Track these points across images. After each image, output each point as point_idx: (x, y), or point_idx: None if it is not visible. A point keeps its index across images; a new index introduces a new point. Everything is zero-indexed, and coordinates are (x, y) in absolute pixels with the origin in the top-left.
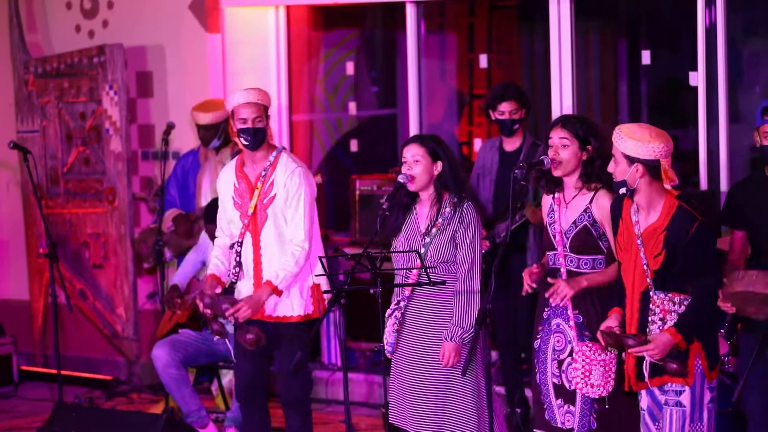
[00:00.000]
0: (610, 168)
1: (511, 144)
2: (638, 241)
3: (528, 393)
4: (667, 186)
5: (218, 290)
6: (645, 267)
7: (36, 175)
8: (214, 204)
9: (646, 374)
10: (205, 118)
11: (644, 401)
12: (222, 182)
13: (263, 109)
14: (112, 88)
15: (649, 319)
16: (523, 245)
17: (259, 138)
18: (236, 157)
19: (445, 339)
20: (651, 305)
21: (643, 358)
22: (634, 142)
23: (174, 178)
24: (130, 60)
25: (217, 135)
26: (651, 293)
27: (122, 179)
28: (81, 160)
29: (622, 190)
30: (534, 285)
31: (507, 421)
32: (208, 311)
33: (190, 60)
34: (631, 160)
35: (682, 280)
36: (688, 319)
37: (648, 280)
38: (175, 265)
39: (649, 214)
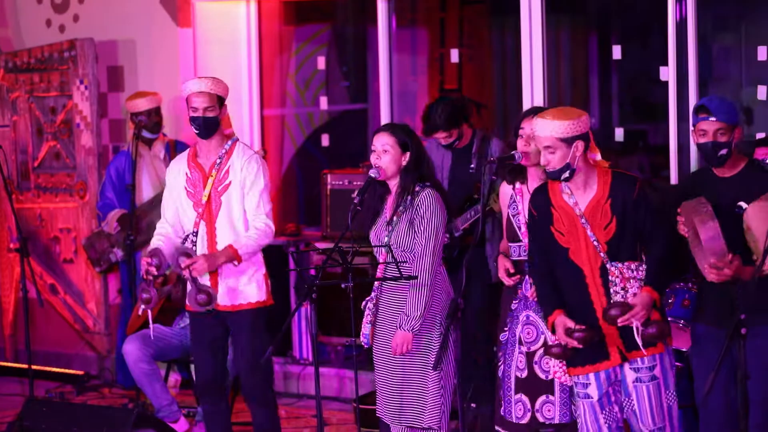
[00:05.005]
0: (544, 161)
1: (464, 139)
2: (582, 221)
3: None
4: (597, 158)
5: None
6: (595, 243)
7: (6, 169)
8: None
9: (637, 336)
10: (146, 103)
11: (594, 388)
12: (172, 172)
13: (216, 99)
14: (82, 83)
15: (612, 290)
16: (482, 239)
17: (209, 127)
18: (189, 148)
19: (397, 327)
20: (610, 277)
21: (624, 326)
22: (567, 122)
23: (109, 180)
24: (100, 54)
25: (160, 120)
26: (608, 266)
27: (93, 174)
28: (52, 154)
29: (566, 176)
30: (512, 274)
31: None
32: (153, 269)
33: (162, 54)
34: (570, 141)
35: (633, 246)
36: (659, 275)
37: (601, 254)
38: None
39: (586, 190)
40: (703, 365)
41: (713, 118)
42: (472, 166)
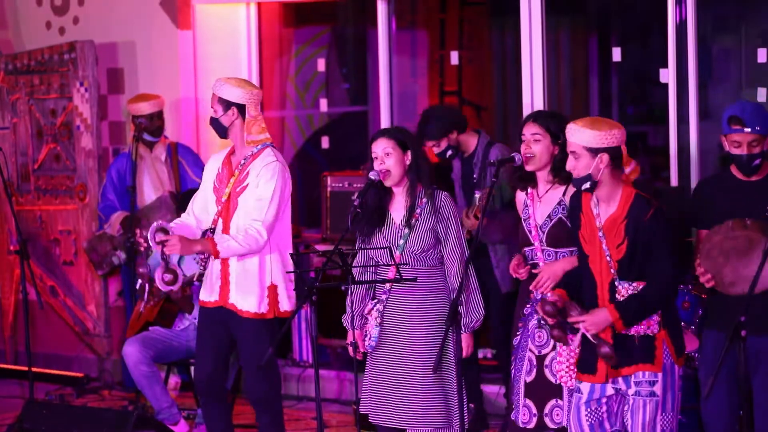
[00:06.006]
0: (569, 166)
1: (468, 147)
2: (600, 234)
3: (484, 389)
4: (628, 170)
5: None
6: (608, 258)
7: (6, 171)
8: (190, 193)
9: (573, 338)
10: (149, 107)
11: (586, 385)
12: (209, 166)
13: (218, 100)
14: (82, 85)
15: None
16: (485, 245)
17: (213, 127)
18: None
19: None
20: (617, 295)
21: (618, 346)
22: (596, 132)
23: (110, 182)
24: (101, 56)
25: (162, 123)
26: (616, 283)
27: (93, 176)
28: (52, 156)
29: (586, 186)
30: (523, 271)
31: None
32: (142, 240)
33: (162, 56)
34: (595, 152)
35: (645, 268)
36: (633, 303)
37: (612, 270)
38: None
39: (609, 205)
40: (705, 368)
41: (747, 129)
42: (475, 175)
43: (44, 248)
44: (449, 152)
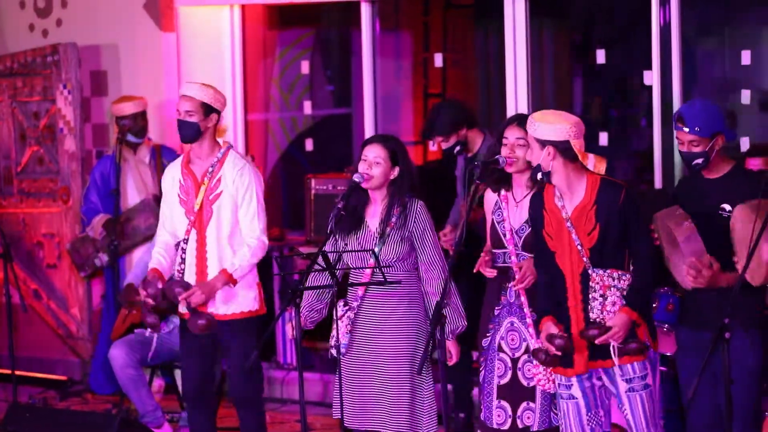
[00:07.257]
0: (528, 156)
1: (473, 146)
2: (568, 224)
3: (476, 393)
4: (589, 164)
5: (159, 285)
6: (579, 248)
7: None
8: None
9: (614, 356)
10: (132, 107)
11: (577, 388)
12: (167, 179)
13: (199, 105)
14: (66, 87)
15: (590, 296)
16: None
17: (185, 132)
18: (183, 154)
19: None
20: (591, 283)
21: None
22: (544, 125)
23: (93, 185)
24: (84, 59)
25: (146, 124)
26: (590, 272)
27: (76, 179)
28: (35, 159)
29: (539, 176)
30: (492, 269)
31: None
32: (150, 300)
33: (145, 59)
34: (543, 144)
35: (618, 254)
36: (635, 293)
37: (584, 259)
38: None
39: (573, 195)
40: (687, 369)
41: (686, 129)
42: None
43: (27, 251)
44: (457, 148)
